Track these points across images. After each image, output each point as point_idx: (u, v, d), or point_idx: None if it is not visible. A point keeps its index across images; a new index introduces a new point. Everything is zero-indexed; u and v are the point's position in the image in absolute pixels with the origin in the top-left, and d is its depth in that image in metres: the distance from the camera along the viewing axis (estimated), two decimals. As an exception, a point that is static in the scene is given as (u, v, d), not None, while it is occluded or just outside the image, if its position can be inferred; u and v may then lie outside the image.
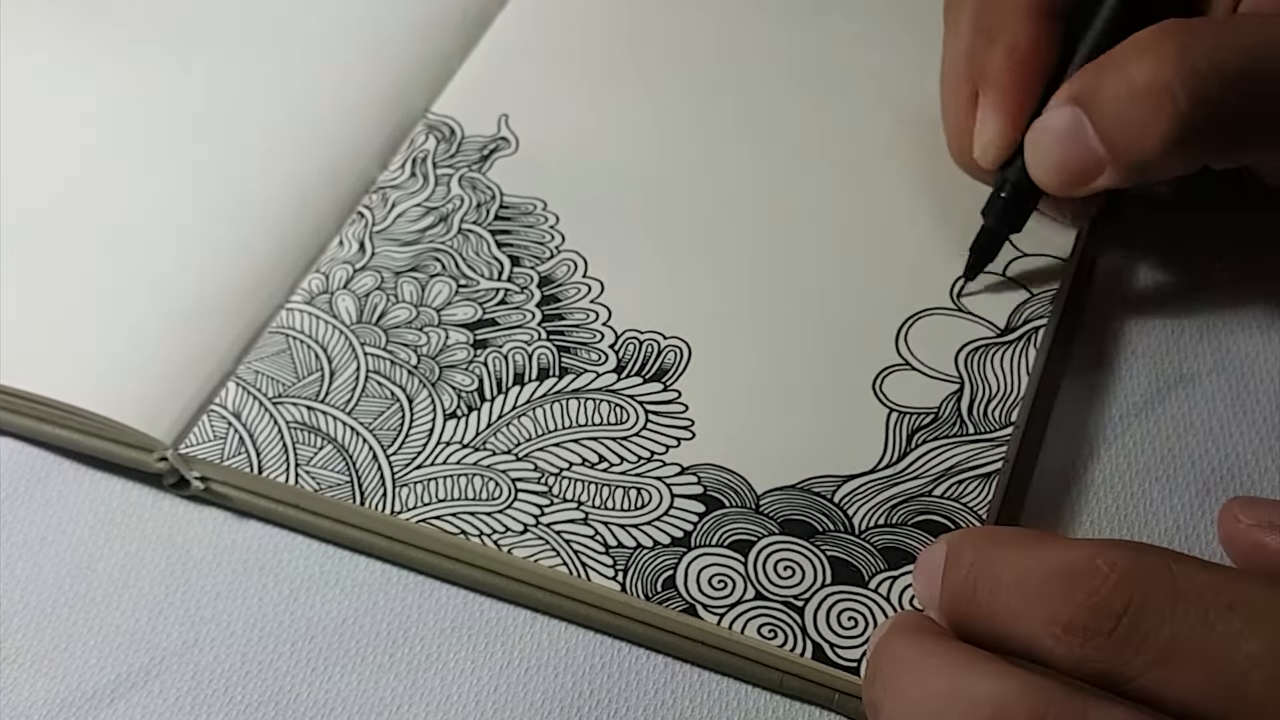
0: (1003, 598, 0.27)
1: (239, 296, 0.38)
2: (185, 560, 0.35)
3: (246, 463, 0.35)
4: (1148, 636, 0.25)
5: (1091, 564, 0.26)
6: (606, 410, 0.36)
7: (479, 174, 0.41)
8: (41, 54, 0.45)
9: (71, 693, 0.33)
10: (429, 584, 0.35)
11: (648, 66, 0.44)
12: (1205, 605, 0.25)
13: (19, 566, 0.35)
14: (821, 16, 0.45)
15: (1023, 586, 0.26)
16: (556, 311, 0.38)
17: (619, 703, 0.33)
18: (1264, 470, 0.36)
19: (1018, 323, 0.37)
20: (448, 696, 0.33)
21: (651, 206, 0.40)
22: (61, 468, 0.37)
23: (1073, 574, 0.26)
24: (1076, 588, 0.26)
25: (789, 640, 0.32)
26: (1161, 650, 0.25)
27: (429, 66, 0.44)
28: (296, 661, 0.34)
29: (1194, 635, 0.24)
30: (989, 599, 0.27)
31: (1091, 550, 0.26)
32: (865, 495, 0.34)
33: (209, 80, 0.44)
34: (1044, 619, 0.26)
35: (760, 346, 0.37)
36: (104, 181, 0.41)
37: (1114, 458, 0.36)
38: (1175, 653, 0.25)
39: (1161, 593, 0.25)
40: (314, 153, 0.42)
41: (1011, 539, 0.28)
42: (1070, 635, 0.25)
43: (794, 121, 0.42)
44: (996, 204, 0.37)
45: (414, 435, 0.36)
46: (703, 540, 0.33)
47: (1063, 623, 0.26)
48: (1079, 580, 0.26)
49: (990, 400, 0.36)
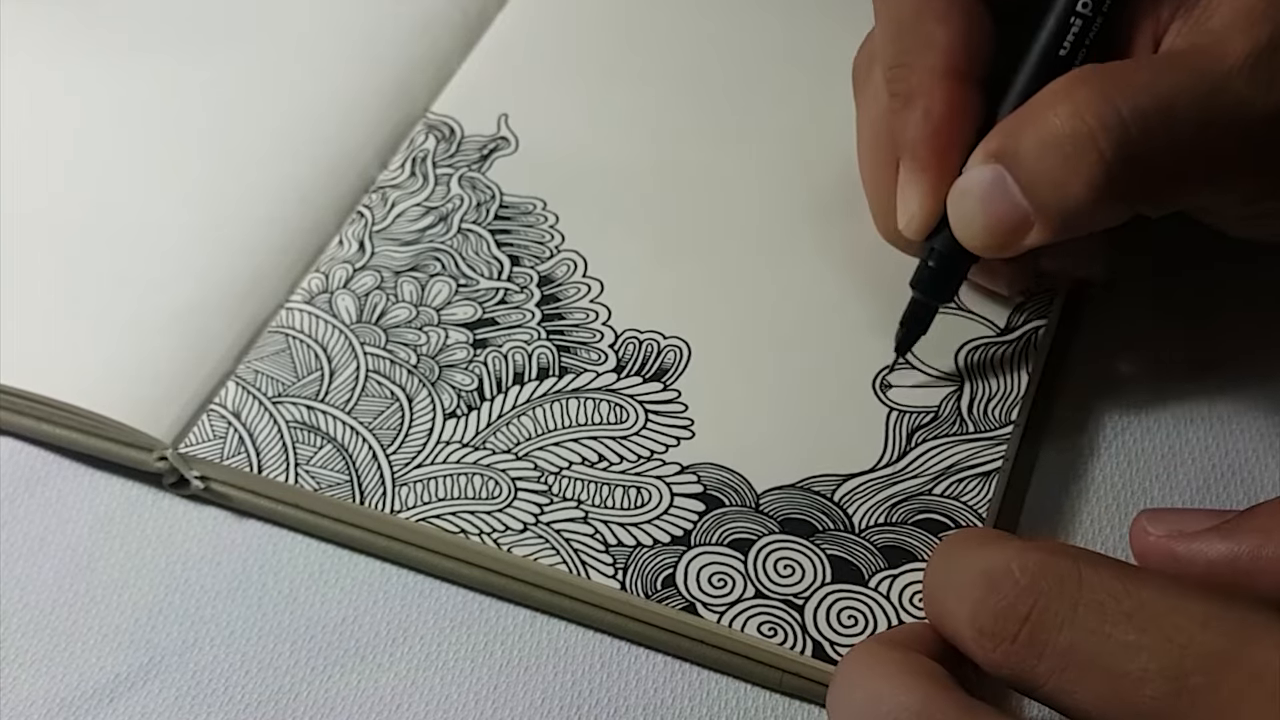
0: (943, 600, 0.27)
1: (239, 296, 0.38)
2: (185, 560, 0.35)
3: (246, 462, 0.35)
4: (1047, 644, 0.25)
5: (1007, 567, 0.26)
6: (606, 410, 0.36)
7: (479, 173, 0.41)
8: (41, 55, 0.45)
9: (71, 692, 0.33)
10: (428, 583, 0.35)
11: (647, 66, 0.44)
12: (1104, 614, 0.24)
13: (19, 566, 0.35)
14: (822, 14, 0.45)
15: (956, 589, 0.27)
16: (556, 311, 0.38)
17: (618, 701, 0.33)
18: (1264, 469, 0.36)
19: (1018, 323, 0.37)
20: (447, 695, 0.33)
21: (651, 206, 0.40)
22: (61, 467, 0.37)
23: (991, 577, 0.26)
24: (991, 592, 0.26)
25: (789, 639, 0.32)
26: (1060, 658, 0.25)
27: (429, 66, 0.44)
28: (296, 661, 0.34)
29: (1090, 644, 0.24)
30: (938, 600, 0.28)
31: (1012, 553, 0.26)
32: (865, 494, 0.34)
33: (209, 80, 0.44)
34: (967, 621, 0.26)
35: (760, 346, 0.37)
36: (104, 181, 0.41)
37: (1114, 458, 0.36)
38: (1074, 661, 0.24)
39: (1064, 599, 0.25)
40: (314, 152, 0.42)
41: (969, 541, 0.28)
42: (984, 639, 0.26)
43: (794, 120, 0.42)
44: (924, 274, 0.35)
45: (414, 434, 0.36)
46: (703, 539, 0.33)
47: (978, 626, 0.26)
48: (995, 584, 0.26)
49: (990, 399, 0.36)
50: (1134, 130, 0.30)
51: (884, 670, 0.26)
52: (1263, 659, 0.23)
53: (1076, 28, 0.33)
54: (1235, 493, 0.35)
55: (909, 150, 0.34)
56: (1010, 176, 0.32)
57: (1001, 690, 0.29)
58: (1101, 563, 0.25)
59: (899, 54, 0.34)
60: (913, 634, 0.28)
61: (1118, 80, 0.31)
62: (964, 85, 0.34)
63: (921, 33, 0.34)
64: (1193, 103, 0.31)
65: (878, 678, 0.26)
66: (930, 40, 0.33)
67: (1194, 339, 0.38)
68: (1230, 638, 0.23)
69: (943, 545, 0.29)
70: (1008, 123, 0.33)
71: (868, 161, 0.36)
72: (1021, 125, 0.32)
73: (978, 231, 0.33)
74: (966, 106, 0.34)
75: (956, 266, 0.35)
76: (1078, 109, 0.31)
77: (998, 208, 0.32)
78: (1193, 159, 0.31)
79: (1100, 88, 0.31)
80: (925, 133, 0.33)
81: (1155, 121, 0.31)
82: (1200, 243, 0.39)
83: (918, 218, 0.34)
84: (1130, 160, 0.31)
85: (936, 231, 0.34)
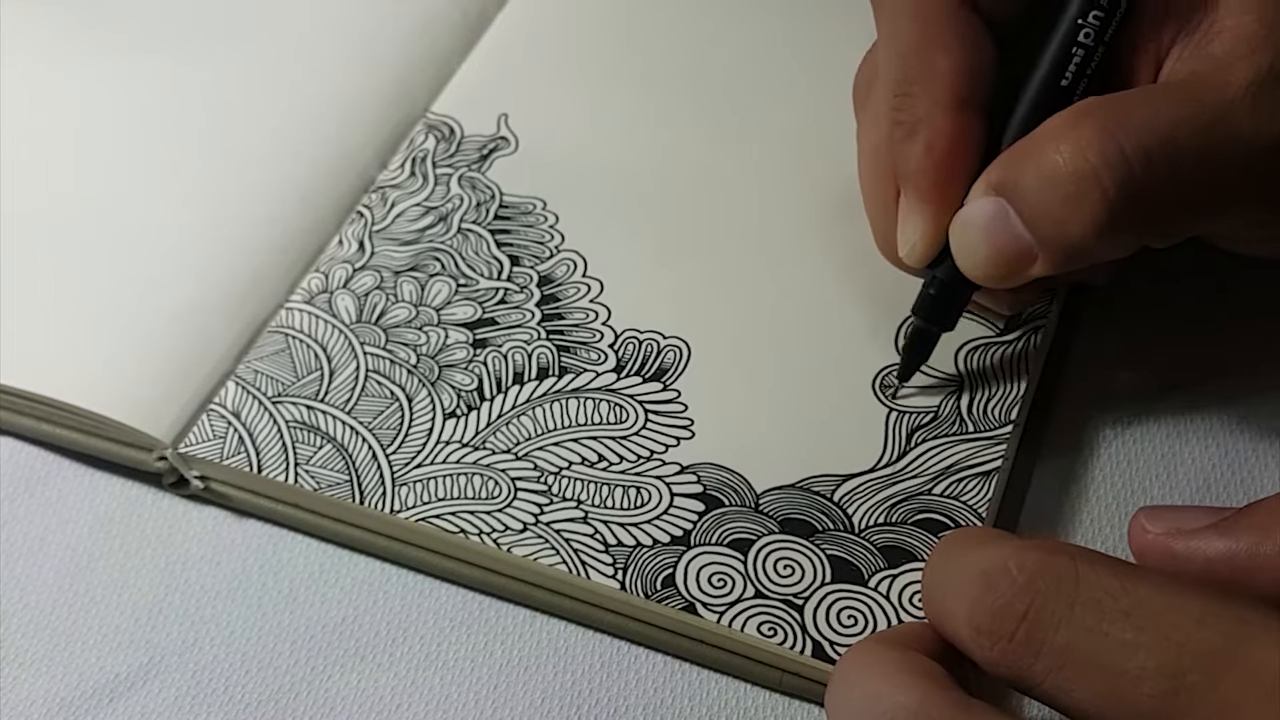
0: (941, 599, 0.27)
1: (238, 296, 0.38)
2: (185, 560, 0.35)
3: (246, 462, 0.35)
4: (1044, 642, 0.25)
5: (1005, 566, 0.26)
6: (606, 409, 0.36)
7: (478, 173, 0.41)
8: (41, 55, 0.45)
9: (71, 692, 0.33)
10: (428, 583, 0.35)
11: (647, 66, 0.44)
12: (1102, 612, 0.24)
13: (19, 566, 0.35)
14: (822, 15, 0.45)
15: (953, 587, 0.27)
16: (556, 311, 0.38)
17: (618, 701, 0.33)
18: (1264, 469, 0.36)
19: (1017, 323, 0.37)
20: (447, 695, 0.33)
21: (651, 206, 0.40)
22: (61, 467, 0.37)
23: (988, 576, 0.26)
24: (989, 591, 0.26)
25: (789, 638, 0.32)
26: (1058, 656, 0.25)
27: (429, 66, 0.44)
28: (296, 660, 0.34)
29: (1087, 643, 0.24)
30: (937, 600, 0.28)
31: (1009, 552, 0.26)
32: (865, 494, 0.34)
33: (209, 80, 0.44)
34: (965, 620, 0.26)
35: (760, 346, 0.37)
36: (104, 181, 0.41)
37: (1113, 458, 0.36)
38: (1071, 660, 0.24)
39: (1061, 598, 0.25)
40: (314, 152, 0.42)
41: (968, 540, 0.28)
42: (981, 637, 0.26)
43: (794, 120, 0.42)
44: (926, 302, 0.35)
45: (413, 434, 0.36)
46: (702, 539, 0.33)
47: (975, 625, 0.26)
48: (992, 583, 0.26)
49: (990, 399, 0.36)
50: (1137, 167, 0.30)
51: (882, 669, 0.26)
52: (1260, 657, 0.23)
53: (1079, 58, 0.33)
54: (1235, 493, 0.35)
55: (910, 181, 0.34)
56: (1013, 210, 0.32)
57: (1001, 689, 0.29)
58: (1099, 561, 0.25)
59: (902, 82, 0.34)
60: (911, 633, 0.28)
61: (1120, 115, 0.31)
62: (967, 115, 0.33)
63: (925, 62, 0.33)
64: (1195, 135, 0.31)
65: (876, 677, 0.26)
66: (933, 70, 0.33)
67: (1194, 342, 0.38)
68: (1227, 636, 0.23)
69: (941, 545, 0.29)
70: (1010, 154, 0.33)
71: (869, 183, 0.36)
72: (1024, 159, 0.32)
73: (981, 262, 0.33)
74: (969, 137, 0.33)
75: (958, 294, 0.35)
76: (1080, 146, 0.31)
77: (1000, 240, 0.32)
78: (1197, 191, 0.31)
79: (1102, 124, 0.31)
80: (928, 164, 0.33)
81: (1158, 157, 0.30)
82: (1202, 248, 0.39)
83: (919, 248, 0.34)
84: (1134, 197, 0.30)
85: (938, 259, 0.34)
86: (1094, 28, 0.33)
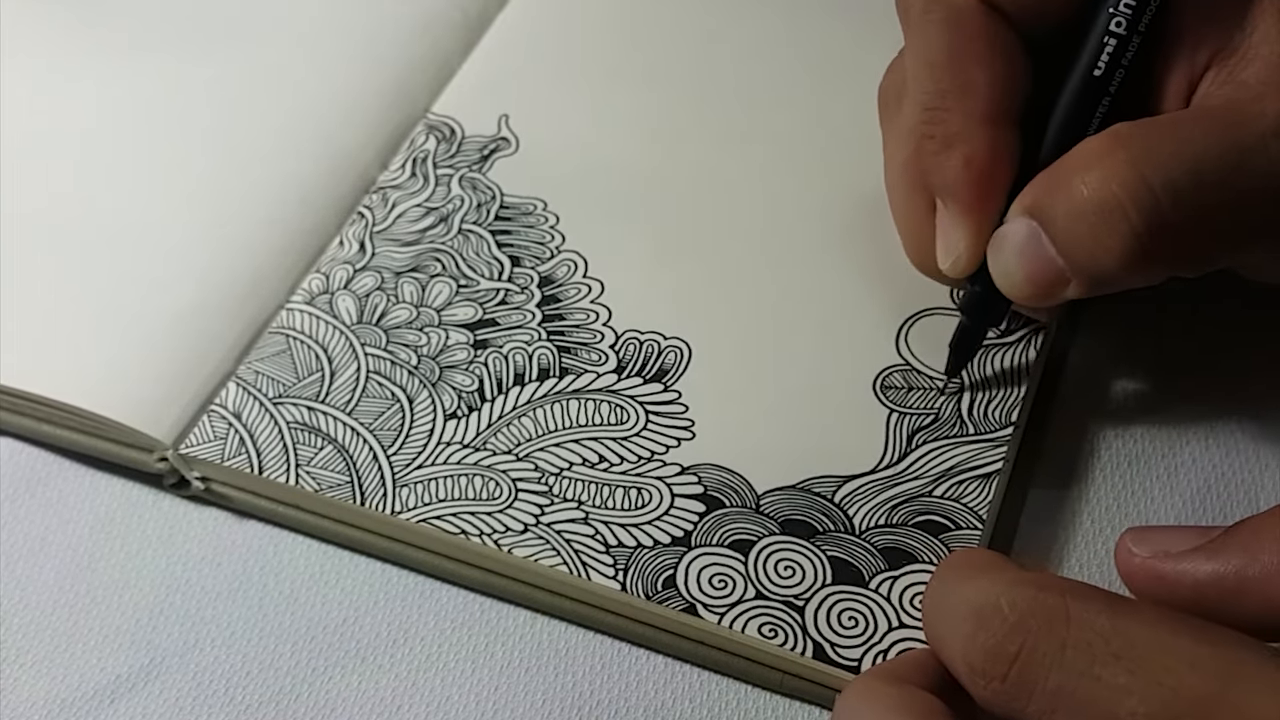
0: (937, 628, 0.28)
1: (239, 296, 0.38)
2: (185, 561, 0.35)
3: (247, 463, 0.35)
4: (1036, 684, 0.25)
5: (996, 604, 0.25)
6: (607, 410, 0.36)
7: (479, 174, 0.41)
8: (41, 55, 0.45)
9: (71, 693, 0.33)
10: (429, 584, 0.35)
11: (648, 66, 0.44)
12: (1093, 654, 0.24)
13: (19, 566, 0.35)
14: (826, 14, 0.45)
15: (949, 620, 0.27)
16: (557, 312, 0.38)
17: (619, 703, 0.33)
18: (1264, 469, 0.36)
19: (1018, 325, 0.37)
20: (448, 697, 0.33)
21: (652, 206, 0.40)
22: (61, 468, 0.37)
23: (981, 614, 0.26)
24: (980, 629, 0.26)
25: (789, 640, 0.32)
26: (1050, 699, 0.24)
27: (429, 66, 0.44)
28: (297, 662, 0.34)
29: (1079, 686, 0.24)
30: (934, 627, 0.28)
31: (1001, 588, 0.26)
32: (866, 495, 0.34)
33: (209, 81, 0.44)
34: (960, 656, 0.26)
35: (760, 346, 0.37)
36: (104, 181, 0.41)
37: (1115, 459, 0.36)
38: (1063, 703, 0.24)
39: (1053, 638, 0.25)
40: (314, 153, 0.42)
41: (961, 570, 0.28)
42: (975, 676, 0.26)
43: (795, 121, 0.42)
44: (973, 299, 0.35)
45: (414, 435, 0.36)
46: (703, 540, 0.33)
47: (969, 663, 0.26)
48: (984, 621, 0.26)
49: (990, 400, 0.36)
50: (1165, 203, 0.30)
51: (882, 706, 0.26)
52: (1251, 703, 0.23)
53: (1111, 47, 0.33)
54: (1236, 494, 0.35)
55: (950, 193, 0.34)
56: (1045, 234, 0.32)
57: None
58: (1091, 597, 0.25)
59: (935, 96, 0.33)
60: (913, 663, 0.28)
61: (1150, 146, 0.31)
62: (1003, 128, 0.33)
63: (959, 76, 0.33)
64: (1225, 167, 0.30)
65: (875, 715, 0.26)
66: (969, 85, 0.33)
67: (1195, 344, 0.38)
68: (1219, 679, 0.23)
69: (938, 572, 0.29)
70: (1043, 178, 0.32)
71: (900, 195, 0.36)
72: (1055, 186, 0.32)
73: (1018, 283, 0.33)
74: (1007, 149, 0.33)
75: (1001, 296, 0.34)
76: (1107, 179, 0.30)
77: (1034, 263, 0.32)
78: (1226, 225, 0.31)
79: (1129, 155, 0.30)
80: (968, 178, 0.33)
81: (1187, 192, 0.30)
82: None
83: (964, 259, 0.34)
84: (1162, 230, 0.30)
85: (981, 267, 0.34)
86: (1125, 16, 0.33)
